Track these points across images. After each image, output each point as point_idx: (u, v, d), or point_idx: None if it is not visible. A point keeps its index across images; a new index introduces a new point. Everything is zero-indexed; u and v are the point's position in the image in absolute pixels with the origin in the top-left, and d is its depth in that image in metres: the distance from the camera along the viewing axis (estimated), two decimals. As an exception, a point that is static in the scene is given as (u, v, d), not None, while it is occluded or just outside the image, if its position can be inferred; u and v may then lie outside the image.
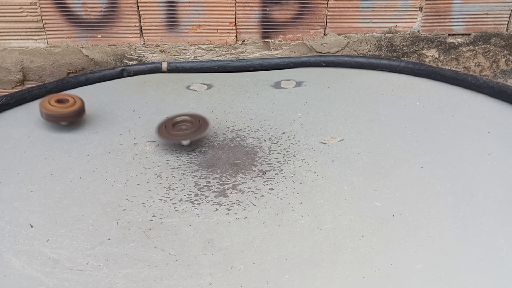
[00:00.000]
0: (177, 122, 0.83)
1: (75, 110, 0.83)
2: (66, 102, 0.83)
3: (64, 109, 0.83)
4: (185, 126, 0.83)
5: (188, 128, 0.82)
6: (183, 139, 0.81)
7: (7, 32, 1.13)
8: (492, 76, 1.26)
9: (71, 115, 0.83)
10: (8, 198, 0.70)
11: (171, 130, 0.81)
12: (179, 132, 0.82)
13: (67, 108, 0.83)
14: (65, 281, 0.55)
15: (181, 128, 0.83)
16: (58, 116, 0.83)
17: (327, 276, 0.56)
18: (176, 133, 0.81)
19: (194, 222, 0.65)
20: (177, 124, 0.83)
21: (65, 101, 0.83)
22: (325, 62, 1.15)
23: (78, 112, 0.85)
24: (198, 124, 0.82)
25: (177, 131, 0.82)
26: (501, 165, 0.75)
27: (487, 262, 0.57)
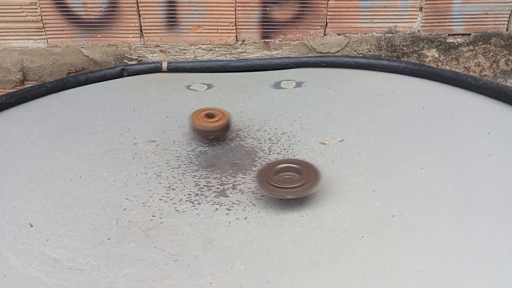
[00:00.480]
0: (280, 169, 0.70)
1: (221, 125, 0.83)
2: (213, 117, 0.84)
3: (212, 124, 0.83)
4: (289, 176, 0.69)
5: (295, 179, 0.68)
6: (289, 194, 0.66)
7: (7, 32, 1.13)
8: (492, 76, 1.26)
9: (218, 130, 0.83)
10: (8, 197, 0.70)
11: (273, 180, 0.68)
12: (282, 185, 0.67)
13: (215, 123, 0.83)
14: (65, 281, 0.55)
15: (285, 179, 0.69)
16: (207, 131, 0.83)
17: (327, 276, 0.56)
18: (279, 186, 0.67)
19: (194, 222, 0.65)
20: (280, 173, 0.70)
21: (213, 116, 0.84)
22: (325, 62, 1.15)
23: (224, 127, 0.84)
24: (307, 176, 0.67)
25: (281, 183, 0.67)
26: (501, 165, 0.75)
27: (487, 263, 0.57)
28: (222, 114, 0.84)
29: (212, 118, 0.84)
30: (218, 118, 0.84)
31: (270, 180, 0.67)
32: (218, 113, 0.84)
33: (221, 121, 0.83)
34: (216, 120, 0.83)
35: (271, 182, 0.67)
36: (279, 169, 0.70)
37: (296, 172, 0.69)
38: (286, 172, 0.70)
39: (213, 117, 0.84)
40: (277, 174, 0.69)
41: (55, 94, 1.03)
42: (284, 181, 0.68)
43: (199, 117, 0.84)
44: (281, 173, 0.70)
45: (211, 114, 0.85)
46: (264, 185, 0.67)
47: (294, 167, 0.70)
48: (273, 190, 0.66)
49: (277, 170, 0.70)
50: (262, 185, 0.67)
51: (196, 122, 0.83)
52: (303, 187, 0.66)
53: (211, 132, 0.83)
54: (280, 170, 0.70)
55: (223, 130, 0.84)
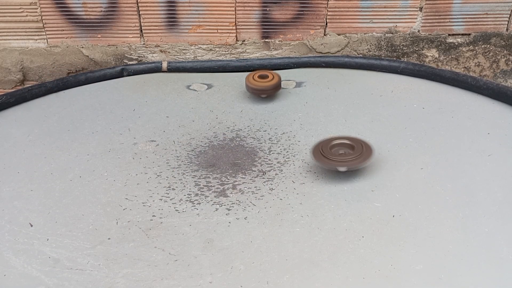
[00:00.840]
0: (334, 145, 0.76)
1: (273, 84, 0.96)
2: (266, 78, 0.97)
3: (265, 83, 0.96)
4: (344, 151, 0.75)
5: (348, 154, 0.74)
6: (341, 166, 0.72)
7: (7, 32, 1.13)
8: (492, 76, 1.26)
9: (270, 88, 0.96)
10: (8, 197, 0.70)
11: (328, 153, 0.73)
12: (337, 157, 0.73)
13: (267, 82, 0.96)
14: (65, 281, 0.55)
15: (339, 153, 0.75)
16: (260, 89, 0.96)
17: (327, 276, 0.56)
18: (334, 158, 0.72)
19: (194, 222, 0.65)
20: (334, 147, 0.76)
21: (266, 77, 0.97)
22: (325, 62, 1.15)
23: (275, 86, 0.97)
24: (361, 150, 0.73)
25: (335, 156, 0.73)
26: (501, 166, 0.75)
27: (487, 263, 0.57)
28: (272, 76, 0.98)
29: (265, 79, 0.97)
30: (270, 78, 0.97)
31: (325, 153, 0.73)
32: (269, 75, 0.98)
33: (273, 81, 0.96)
34: (269, 80, 0.97)
35: (326, 155, 0.73)
36: (333, 145, 0.76)
37: (350, 148, 0.75)
38: (340, 147, 0.76)
39: (265, 78, 0.97)
40: (332, 149, 0.75)
41: (55, 94, 1.03)
42: (338, 155, 0.74)
43: (254, 78, 0.97)
44: (335, 148, 0.76)
45: (263, 75, 0.98)
46: (320, 158, 0.73)
47: (348, 143, 0.76)
48: (327, 162, 0.72)
49: (332, 146, 0.76)
50: (318, 158, 0.73)
51: (251, 82, 0.96)
52: (356, 160, 0.72)
53: (264, 90, 0.96)
54: (335, 145, 0.76)
55: (274, 88, 0.97)
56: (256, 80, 0.96)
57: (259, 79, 0.97)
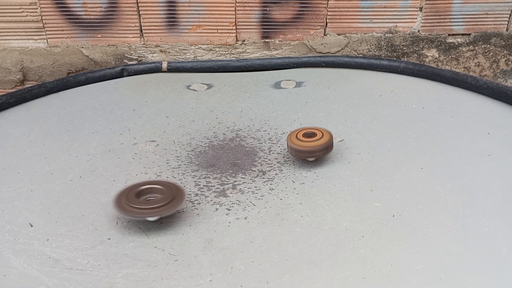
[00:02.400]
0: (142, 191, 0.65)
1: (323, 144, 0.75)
2: (314, 136, 0.76)
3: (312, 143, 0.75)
4: (153, 197, 0.65)
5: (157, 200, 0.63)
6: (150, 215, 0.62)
7: (7, 32, 1.13)
8: (492, 76, 1.26)
9: (320, 149, 0.75)
10: (8, 197, 0.70)
11: (134, 202, 0.63)
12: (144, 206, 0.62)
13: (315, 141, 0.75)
14: (65, 281, 0.55)
15: (148, 200, 0.64)
16: (307, 152, 0.75)
17: (327, 276, 0.56)
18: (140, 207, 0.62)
19: (194, 222, 0.65)
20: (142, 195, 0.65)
21: (313, 135, 0.77)
22: (325, 62, 1.15)
23: (326, 146, 0.76)
24: (171, 195, 0.63)
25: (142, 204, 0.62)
26: (501, 166, 0.75)
27: (487, 263, 0.57)
28: (321, 134, 0.77)
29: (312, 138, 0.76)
30: (319, 137, 0.76)
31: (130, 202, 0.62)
32: (318, 133, 0.77)
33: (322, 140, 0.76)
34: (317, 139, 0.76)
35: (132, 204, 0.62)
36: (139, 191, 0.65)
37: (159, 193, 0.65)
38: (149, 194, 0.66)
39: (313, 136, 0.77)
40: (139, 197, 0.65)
41: (55, 94, 1.03)
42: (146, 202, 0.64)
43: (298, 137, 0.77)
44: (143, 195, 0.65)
45: (310, 133, 0.78)
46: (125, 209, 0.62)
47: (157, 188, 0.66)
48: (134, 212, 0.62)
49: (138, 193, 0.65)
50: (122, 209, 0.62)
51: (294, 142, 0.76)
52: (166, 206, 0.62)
53: (311, 152, 0.75)
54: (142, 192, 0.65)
55: (325, 149, 0.76)
56: (301, 140, 0.76)
57: (305, 138, 0.76)
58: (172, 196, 0.63)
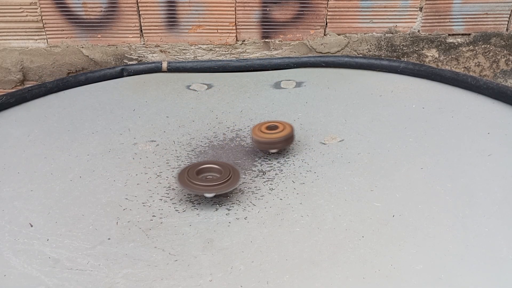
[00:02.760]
0: (202, 170, 0.72)
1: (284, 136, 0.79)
2: (275, 129, 0.80)
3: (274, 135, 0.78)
4: (212, 176, 0.71)
5: (215, 179, 0.70)
6: (208, 192, 0.68)
7: (7, 32, 1.13)
8: (492, 76, 1.26)
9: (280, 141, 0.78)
10: (8, 197, 0.70)
11: (195, 179, 0.69)
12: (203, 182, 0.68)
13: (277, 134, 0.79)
14: (65, 281, 0.55)
15: (207, 178, 0.71)
16: (268, 143, 0.79)
17: (327, 276, 0.56)
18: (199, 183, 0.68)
19: (194, 222, 0.65)
20: (202, 173, 0.71)
21: (275, 128, 0.80)
22: (325, 62, 1.15)
23: (287, 138, 0.79)
24: (228, 175, 0.69)
25: (202, 181, 0.69)
26: (501, 166, 0.75)
27: (487, 263, 0.57)
28: (283, 126, 0.80)
29: (274, 130, 0.80)
30: (280, 129, 0.80)
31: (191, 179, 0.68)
32: (280, 125, 0.80)
33: (283, 132, 0.79)
34: (279, 131, 0.79)
35: (193, 181, 0.68)
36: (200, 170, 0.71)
37: (217, 173, 0.71)
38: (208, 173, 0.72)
39: (275, 129, 0.80)
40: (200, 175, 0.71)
41: (55, 94, 1.03)
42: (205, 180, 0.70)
43: (261, 129, 0.80)
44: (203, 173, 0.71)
45: (273, 126, 0.81)
46: (187, 184, 0.68)
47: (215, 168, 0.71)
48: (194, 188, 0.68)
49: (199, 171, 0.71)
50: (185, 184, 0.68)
51: (258, 134, 0.79)
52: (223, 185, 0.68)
53: (273, 143, 0.79)
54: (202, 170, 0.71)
55: (286, 141, 0.79)
56: (264, 132, 0.79)
57: (268, 130, 0.80)
58: (229, 176, 0.69)
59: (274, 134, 0.78)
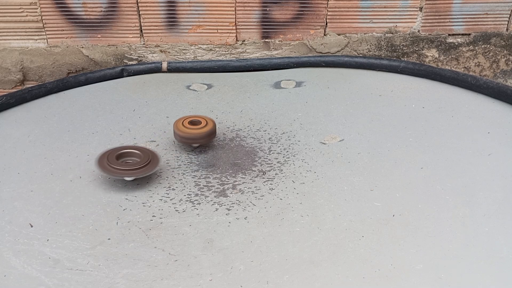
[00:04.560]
0: (122, 154, 0.74)
1: (206, 132, 0.80)
2: (198, 124, 0.81)
3: (196, 131, 0.80)
4: (132, 160, 0.74)
5: (134, 163, 0.73)
6: (127, 175, 0.71)
7: (7, 32, 1.13)
8: (492, 76, 1.26)
9: (203, 136, 0.80)
10: (8, 197, 0.70)
11: (114, 163, 0.72)
12: (123, 167, 0.72)
13: (199, 129, 0.80)
14: (65, 281, 0.55)
15: (127, 162, 0.73)
16: (190, 138, 0.80)
17: (327, 276, 0.56)
18: (119, 168, 0.71)
19: (194, 222, 0.65)
20: (122, 157, 0.74)
21: (198, 123, 0.81)
22: (325, 62, 1.15)
23: (209, 133, 0.81)
24: (147, 160, 0.73)
25: (121, 165, 0.72)
26: (501, 165, 0.75)
27: (487, 263, 0.57)
28: (205, 122, 0.82)
29: (196, 125, 0.81)
30: (203, 125, 0.81)
31: (111, 163, 0.71)
32: (202, 121, 0.82)
33: (206, 128, 0.81)
34: (202, 126, 0.81)
35: (112, 165, 0.71)
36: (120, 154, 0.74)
37: (137, 157, 0.74)
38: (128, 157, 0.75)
39: (198, 124, 0.81)
40: (119, 159, 0.74)
41: (55, 94, 1.03)
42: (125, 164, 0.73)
43: (184, 124, 0.81)
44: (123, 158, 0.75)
45: (196, 121, 0.82)
46: (106, 168, 0.71)
47: (136, 153, 0.75)
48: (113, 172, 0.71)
49: (118, 155, 0.74)
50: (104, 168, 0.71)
51: (179, 128, 0.80)
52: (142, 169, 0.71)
53: (195, 139, 0.80)
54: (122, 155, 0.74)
55: (207, 136, 0.81)
56: (187, 127, 0.80)
57: (190, 125, 0.81)
58: (148, 160, 0.72)
59: (197, 129, 0.80)
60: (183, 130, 0.80)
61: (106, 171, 0.71)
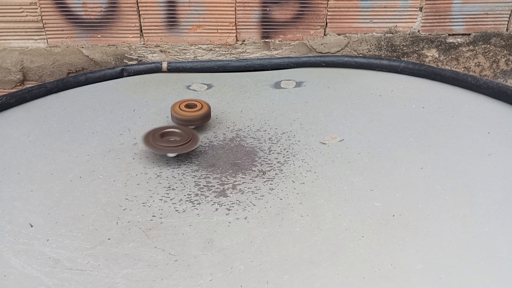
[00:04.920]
0: (165, 133, 0.81)
1: (201, 114, 0.87)
2: (194, 107, 0.88)
3: (192, 114, 0.86)
4: (174, 138, 0.80)
5: (176, 141, 0.79)
6: (170, 151, 0.78)
7: (7, 32, 1.13)
8: (492, 76, 1.26)
9: (198, 119, 0.86)
10: (8, 197, 0.70)
11: (158, 140, 0.78)
12: (166, 143, 0.78)
13: (195, 112, 0.87)
14: (65, 281, 0.55)
15: (169, 140, 0.80)
16: (187, 120, 0.86)
17: (327, 276, 0.56)
18: (163, 144, 0.78)
19: (194, 222, 0.65)
20: (165, 135, 0.81)
21: (193, 106, 0.88)
22: (325, 62, 1.15)
23: (204, 116, 0.87)
24: (188, 138, 0.79)
25: (165, 143, 0.78)
26: (501, 165, 0.75)
27: (487, 263, 0.57)
28: (201, 105, 0.88)
29: (192, 109, 0.87)
30: (198, 108, 0.87)
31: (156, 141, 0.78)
32: (198, 104, 0.88)
33: (201, 111, 0.87)
34: (197, 109, 0.87)
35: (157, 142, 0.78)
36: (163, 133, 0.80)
37: (179, 136, 0.80)
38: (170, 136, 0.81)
39: (194, 107, 0.88)
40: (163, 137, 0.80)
41: (55, 94, 1.03)
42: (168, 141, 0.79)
43: (181, 107, 0.88)
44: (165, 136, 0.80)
45: (191, 104, 0.88)
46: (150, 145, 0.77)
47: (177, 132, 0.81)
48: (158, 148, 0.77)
49: (162, 134, 0.80)
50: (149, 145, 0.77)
51: (176, 111, 0.87)
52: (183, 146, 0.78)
53: (191, 121, 0.86)
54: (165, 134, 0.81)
55: (203, 119, 0.87)
56: (183, 110, 0.87)
57: (187, 108, 0.87)
58: (189, 139, 0.79)
59: (193, 112, 0.86)
60: (180, 113, 0.86)
61: (151, 147, 0.77)
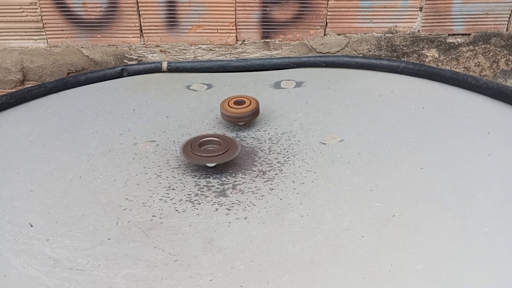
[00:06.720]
0: (203, 142, 0.79)
1: (251, 111, 0.87)
2: (243, 104, 0.88)
3: (242, 110, 0.87)
4: (212, 147, 0.78)
5: (215, 150, 0.77)
6: (209, 161, 0.75)
7: (7, 32, 1.13)
8: (492, 76, 1.26)
9: (248, 115, 0.87)
10: (8, 197, 0.70)
11: (197, 151, 0.76)
12: (205, 154, 0.76)
13: (244, 109, 0.87)
14: (65, 281, 0.55)
15: (208, 149, 0.78)
16: (237, 117, 0.87)
17: (327, 276, 0.56)
18: (202, 154, 0.75)
19: (194, 222, 0.65)
20: (203, 145, 0.79)
21: (242, 103, 0.89)
22: (325, 62, 1.15)
23: (253, 112, 0.88)
24: (227, 146, 0.77)
25: (204, 152, 0.76)
26: (501, 165, 0.75)
27: (487, 263, 0.57)
28: (249, 101, 0.89)
29: (241, 105, 0.88)
30: (246, 105, 0.88)
31: (194, 151, 0.76)
32: (246, 100, 0.89)
33: (250, 107, 0.87)
34: (246, 106, 0.88)
35: (196, 152, 0.76)
36: (202, 142, 0.79)
37: (217, 144, 0.79)
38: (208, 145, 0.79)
39: (242, 104, 0.88)
40: (201, 147, 0.78)
41: (55, 94, 1.03)
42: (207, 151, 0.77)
43: (229, 104, 0.88)
44: (204, 145, 0.79)
45: (240, 101, 0.89)
46: (190, 156, 0.76)
47: (215, 140, 0.79)
48: (196, 158, 0.75)
49: (200, 143, 0.79)
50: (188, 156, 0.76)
51: (225, 108, 0.87)
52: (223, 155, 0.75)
53: (240, 118, 0.87)
54: (203, 143, 0.79)
55: (252, 115, 0.88)
56: (232, 107, 0.87)
57: (236, 105, 0.88)
58: (228, 147, 0.77)
59: (242, 109, 0.87)
60: (229, 110, 0.87)
61: (190, 158, 0.75)
